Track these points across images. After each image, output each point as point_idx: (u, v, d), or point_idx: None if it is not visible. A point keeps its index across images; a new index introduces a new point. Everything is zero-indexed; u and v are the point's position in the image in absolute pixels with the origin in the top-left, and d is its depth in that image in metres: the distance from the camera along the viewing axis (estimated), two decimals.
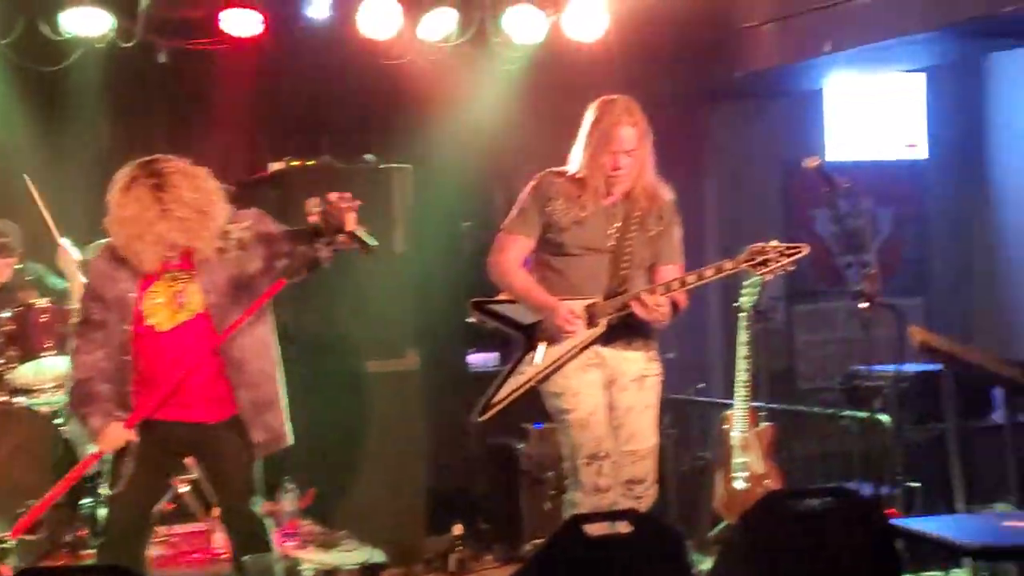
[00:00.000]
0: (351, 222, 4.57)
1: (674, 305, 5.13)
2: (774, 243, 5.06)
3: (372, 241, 4.65)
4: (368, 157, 7.26)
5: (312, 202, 4.59)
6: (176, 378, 4.61)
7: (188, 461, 4.79)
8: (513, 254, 5.21)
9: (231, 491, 4.78)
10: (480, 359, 8.07)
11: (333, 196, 4.57)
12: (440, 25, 7.41)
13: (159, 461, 4.76)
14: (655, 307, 4.99)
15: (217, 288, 4.68)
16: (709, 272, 5.08)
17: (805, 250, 5.06)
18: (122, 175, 4.64)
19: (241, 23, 7.07)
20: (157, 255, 4.61)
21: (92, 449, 4.70)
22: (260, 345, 4.79)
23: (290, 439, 4.87)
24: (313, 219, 4.57)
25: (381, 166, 7.17)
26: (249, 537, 4.71)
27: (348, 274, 6.93)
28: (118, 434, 4.62)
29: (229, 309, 4.69)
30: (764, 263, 5.03)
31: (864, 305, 5.42)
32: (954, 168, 9.29)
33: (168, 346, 4.67)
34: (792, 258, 5.03)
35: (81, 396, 4.68)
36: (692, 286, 5.08)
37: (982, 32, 6.91)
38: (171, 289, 4.68)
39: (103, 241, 4.81)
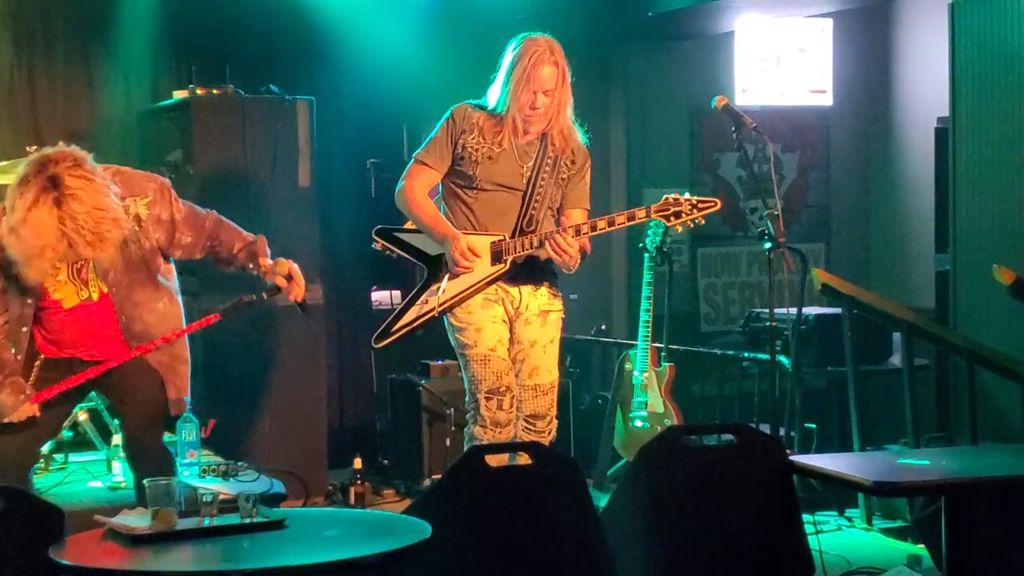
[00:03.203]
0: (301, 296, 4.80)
1: (580, 251, 5.13)
2: (687, 195, 5.09)
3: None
4: (272, 88, 7.16)
5: (282, 267, 4.76)
6: (87, 368, 4.62)
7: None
8: (420, 183, 5.17)
9: (136, 419, 4.72)
10: (383, 296, 8.03)
11: (296, 271, 4.76)
12: None
13: (59, 397, 4.67)
14: (565, 249, 5.00)
15: (115, 266, 4.58)
16: (620, 219, 5.09)
17: (718, 205, 5.11)
18: (24, 181, 4.28)
19: None
20: (50, 272, 4.45)
21: None
22: (161, 318, 4.73)
23: (186, 405, 4.91)
24: (279, 281, 4.74)
25: (286, 98, 7.08)
26: (151, 465, 4.64)
27: (253, 206, 6.88)
28: (26, 412, 4.53)
29: (129, 287, 4.63)
30: (677, 215, 5.06)
31: (768, 247, 5.45)
32: (858, 115, 9.37)
33: (74, 319, 4.61)
34: (704, 212, 5.08)
35: None
36: (602, 231, 5.09)
37: None
38: (72, 266, 4.57)
39: None
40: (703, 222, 5.12)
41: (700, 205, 5.08)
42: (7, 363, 4.55)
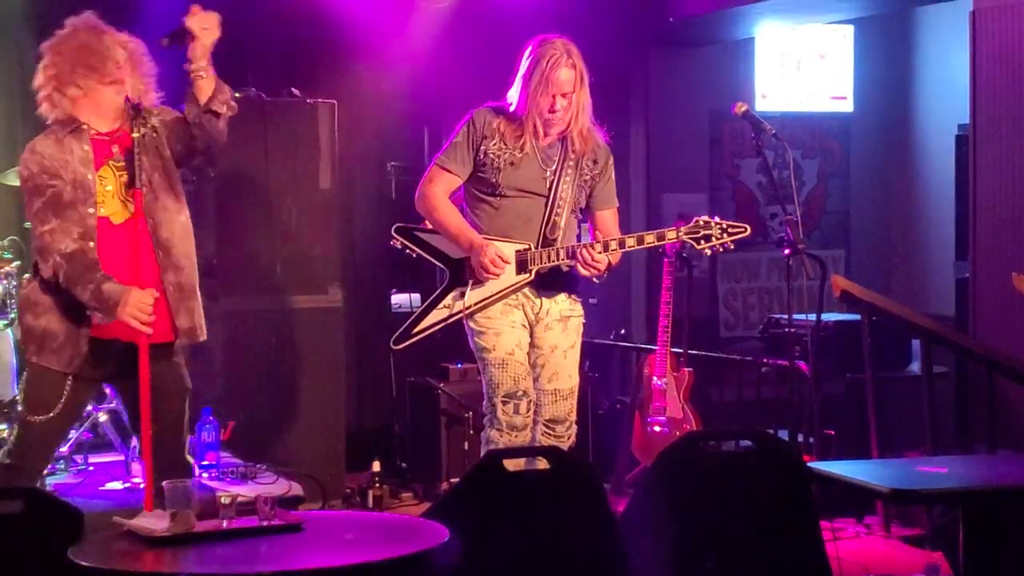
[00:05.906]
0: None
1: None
2: (717, 219, 5.09)
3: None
4: (293, 91, 7.17)
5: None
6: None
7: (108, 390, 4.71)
8: (441, 188, 5.14)
9: (161, 420, 4.69)
10: (402, 299, 8.04)
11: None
12: None
13: (85, 385, 4.67)
14: (594, 264, 5.00)
15: (146, 171, 4.54)
16: (649, 238, 5.09)
17: (747, 231, 5.11)
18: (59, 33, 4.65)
19: None
20: (117, 104, 4.52)
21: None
22: (184, 231, 4.66)
23: (204, 335, 4.75)
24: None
25: (307, 101, 7.09)
26: (172, 466, 4.62)
27: (273, 208, 6.89)
28: (141, 297, 4.40)
29: (156, 190, 4.56)
30: (707, 238, 5.05)
31: (786, 252, 5.44)
32: (879, 121, 9.35)
33: (121, 240, 4.52)
34: (734, 237, 5.07)
35: (83, 266, 4.42)
36: (630, 249, 5.09)
37: None
38: (119, 178, 4.54)
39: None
40: (732, 247, 5.11)
41: (730, 230, 5.07)
42: (97, 263, 4.45)
